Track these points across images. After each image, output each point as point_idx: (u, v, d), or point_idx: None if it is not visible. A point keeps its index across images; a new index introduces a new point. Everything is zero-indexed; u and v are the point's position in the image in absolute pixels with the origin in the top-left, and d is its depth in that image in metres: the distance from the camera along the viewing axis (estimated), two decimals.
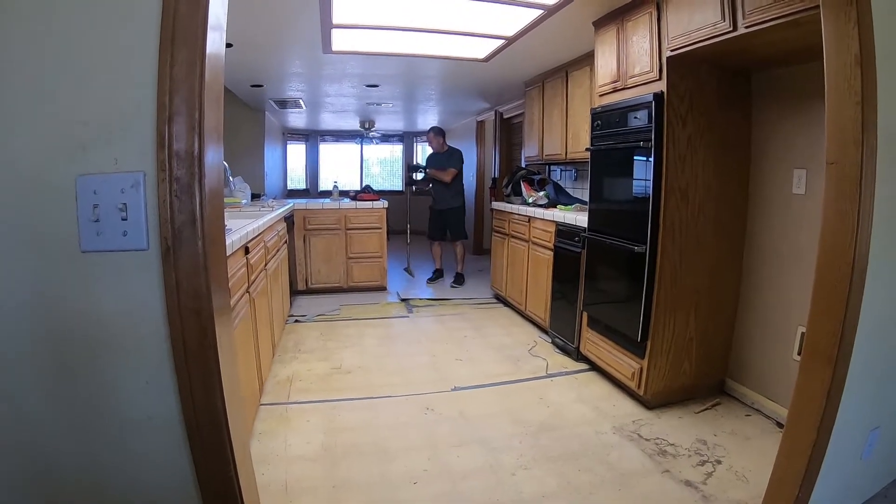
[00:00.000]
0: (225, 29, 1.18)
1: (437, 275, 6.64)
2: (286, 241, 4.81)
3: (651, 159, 2.88)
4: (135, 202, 1.08)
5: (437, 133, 6.40)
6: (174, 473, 1.19)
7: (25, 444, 1.15)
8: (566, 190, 5.20)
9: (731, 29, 2.36)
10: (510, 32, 3.87)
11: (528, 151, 5.72)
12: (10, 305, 1.09)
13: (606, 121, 3.38)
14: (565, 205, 4.62)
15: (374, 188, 6.76)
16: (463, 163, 6.42)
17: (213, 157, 1.12)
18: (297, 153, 11.54)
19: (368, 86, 6.15)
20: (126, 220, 1.08)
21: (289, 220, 5.28)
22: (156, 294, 1.11)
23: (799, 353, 2.70)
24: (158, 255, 1.09)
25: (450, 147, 6.50)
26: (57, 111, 1.06)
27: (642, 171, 3.00)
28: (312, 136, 11.56)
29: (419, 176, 6.74)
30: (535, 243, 4.61)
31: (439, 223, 6.49)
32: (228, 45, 3.95)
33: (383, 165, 12.42)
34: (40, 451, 1.16)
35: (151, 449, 1.19)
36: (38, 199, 1.07)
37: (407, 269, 6.98)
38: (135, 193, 1.07)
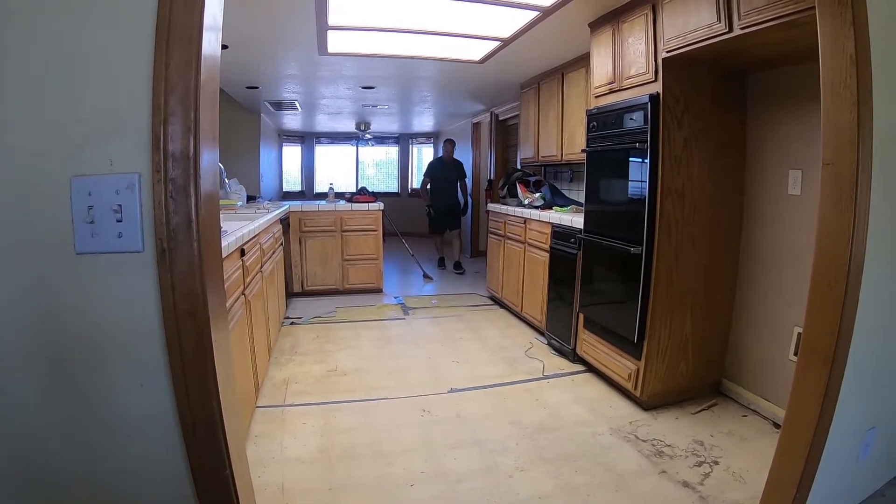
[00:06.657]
0: (221, 29, 1.17)
1: (441, 262, 7.77)
2: (282, 244, 4.80)
3: (647, 160, 2.89)
4: (130, 204, 1.07)
5: (453, 144, 7.52)
6: (169, 475, 1.19)
7: (18, 446, 1.14)
8: (562, 191, 5.21)
9: (726, 30, 2.37)
10: (506, 34, 3.87)
11: (524, 153, 5.73)
12: (3, 306, 1.08)
13: (602, 122, 3.38)
14: (561, 206, 4.62)
15: (370, 190, 6.76)
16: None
17: (209, 158, 1.12)
18: (292, 155, 11.52)
19: (364, 87, 6.15)
20: (121, 221, 1.07)
21: (284, 222, 5.28)
22: (151, 296, 1.10)
23: (795, 354, 2.71)
24: (154, 257, 1.08)
25: (455, 158, 7.53)
26: (52, 112, 1.05)
27: (638, 173, 3.00)
28: (308, 138, 11.53)
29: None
30: (531, 245, 4.60)
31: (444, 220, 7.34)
32: (224, 47, 3.95)
33: (379, 167, 12.42)
34: (33, 454, 1.15)
35: (146, 451, 1.18)
36: (33, 200, 1.07)
37: (425, 276, 7.13)
38: (130, 195, 1.07)
